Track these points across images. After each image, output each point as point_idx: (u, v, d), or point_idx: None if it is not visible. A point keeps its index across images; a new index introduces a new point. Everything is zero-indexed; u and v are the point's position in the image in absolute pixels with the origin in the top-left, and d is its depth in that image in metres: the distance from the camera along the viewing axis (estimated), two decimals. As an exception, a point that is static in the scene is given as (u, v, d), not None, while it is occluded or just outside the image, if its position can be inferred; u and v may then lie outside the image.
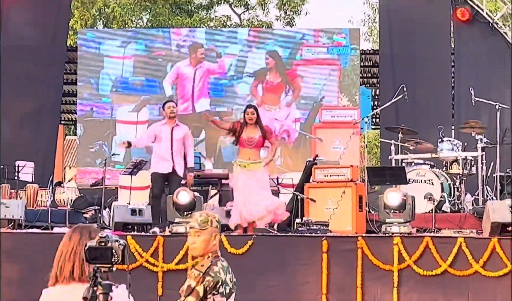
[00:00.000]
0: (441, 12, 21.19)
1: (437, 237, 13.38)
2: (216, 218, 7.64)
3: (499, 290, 12.73)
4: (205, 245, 7.49)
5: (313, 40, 23.29)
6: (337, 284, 13.04)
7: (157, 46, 23.39)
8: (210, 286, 7.34)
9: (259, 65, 22.95)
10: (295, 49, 23.09)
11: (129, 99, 22.28)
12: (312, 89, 22.86)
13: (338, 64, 22.81)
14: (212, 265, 7.42)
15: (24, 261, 13.53)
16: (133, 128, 21.86)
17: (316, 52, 22.99)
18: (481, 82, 19.62)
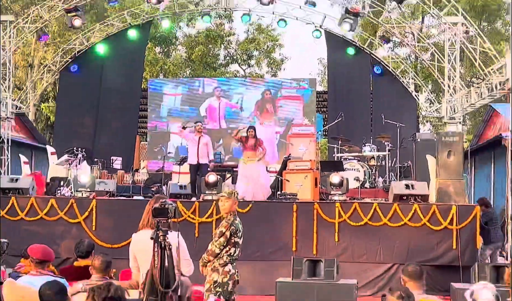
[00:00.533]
0: (364, 68, 22.49)
1: (361, 203, 13.91)
2: (237, 192, 8.46)
3: (398, 235, 13.25)
4: (230, 207, 8.05)
5: (288, 84, 24.32)
6: (302, 231, 13.40)
7: (195, 88, 24.35)
8: (233, 232, 7.97)
9: (256, 98, 23.87)
10: (277, 90, 24.06)
11: (178, 120, 22.68)
12: (287, 113, 23.70)
13: (302, 99, 23.68)
14: (234, 220, 8.02)
15: (115, 217, 13.63)
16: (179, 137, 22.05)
17: (290, 92, 23.93)
18: (388, 110, 20.74)
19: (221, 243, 7.95)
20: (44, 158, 23.06)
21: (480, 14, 32.92)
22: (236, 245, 8.02)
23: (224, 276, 7.95)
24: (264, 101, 23.61)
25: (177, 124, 22.84)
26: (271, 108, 23.58)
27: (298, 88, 23.94)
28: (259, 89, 24.29)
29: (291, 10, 22.13)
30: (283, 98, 23.75)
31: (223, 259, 7.98)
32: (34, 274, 6.61)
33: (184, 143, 22.09)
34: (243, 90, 24.28)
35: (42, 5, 20.84)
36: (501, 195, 21.16)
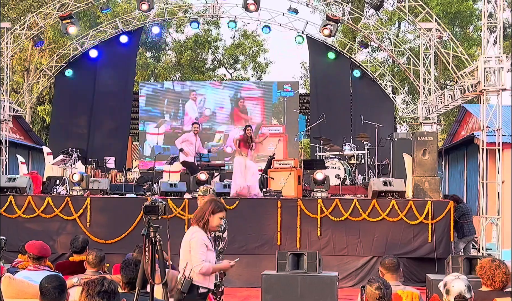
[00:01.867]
0: (344, 71, 22.55)
1: (342, 199, 13.92)
2: (213, 189, 8.46)
3: (376, 229, 13.42)
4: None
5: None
6: (286, 226, 13.51)
7: (184, 91, 24.57)
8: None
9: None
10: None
11: (154, 119, 23.40)
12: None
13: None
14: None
15: (108, 214, 13.80)
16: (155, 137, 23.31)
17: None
18: (367, 111, 20.85)
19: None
20: (40, 158, 23.01)
21: (453, 20, 33.08)
22: (218, 238, 7.98)
23: None
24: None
25: (153, 124, 23.47)
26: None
27: (282, 91, 24.09)
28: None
29: (275, 17, 22.21)
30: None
31: None
32: (31, 269, 6.64)
33: (160, 143, 23.07)
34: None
35: (38, 13, 20.79)
36: (473, 190, 21.36)
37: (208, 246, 6.41)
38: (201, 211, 6.51)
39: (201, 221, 6.43)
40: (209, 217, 6.43)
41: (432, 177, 14.32)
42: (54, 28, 28.10)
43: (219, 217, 6.53)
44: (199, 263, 6.26)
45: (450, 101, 16.77)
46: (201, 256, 6.30)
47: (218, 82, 29.72)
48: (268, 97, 24.02)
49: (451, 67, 17.20)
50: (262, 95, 24.06)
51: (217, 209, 6.49)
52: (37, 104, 33.53)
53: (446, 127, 34.63)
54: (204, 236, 6.43)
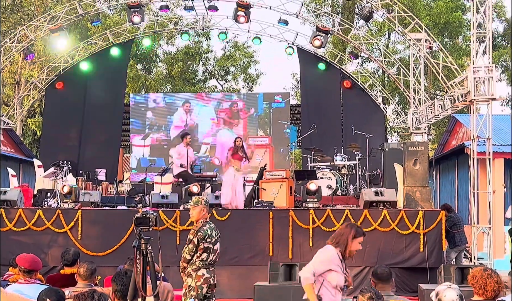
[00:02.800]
0: (335, 82, 22.53)
1: (333, 209, 13.90)
2: (204, 199, 8.30)
3: (368, 239, 11.91)
4: (197, 214, 8.11)
5: (263, 98, 24.59)
6: (278, 236, 13.48)
7: (175, 102, 24.69)
8: (200, 238, 7.98)
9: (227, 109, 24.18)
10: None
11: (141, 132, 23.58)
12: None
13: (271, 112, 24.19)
14: (202, 226, 8.06)
15: (100, 226, 13.72)
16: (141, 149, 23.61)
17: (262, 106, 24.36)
18: (358, 122, 20.92)
19: (190, 249, 7.98)
20: (31, 171, 22.89)
21: (442, 31, 33.25)
22: (208, 250, 8.00)
23: (197, 280, 7.96)
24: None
25: (139, 137, 23.57)
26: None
27: (273, 102, 24.17)
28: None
29: (265, 28, 22.25)
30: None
31: (196, 264, 8.00)
32: (22, 282, 6.57)
33: (146, 155, 23.05)
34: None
35: (28, 26, 20.75)
36: (464, 200, 21.43)
37: (337, 268, 6.33)
38: (341, 235, 6.43)
39: (340, 245, 6.37)
40: (350, 242, 6.36)
41: (423, 186, 14.39)
42: (45, 40, 28.07)
43: (359, 242, 6.47)
44: (308, 271, 6.23)
45: (440, 111, 16.80)
46: (315, 268, 6.25)
47: (204, 94, 29.77)
48: (254, 108, 24.10)
49: (441, 77, 17.24)
50: (248, 106, 24.16)
51: (358, 234, 6.42)
52: (28, 117, 33.44)
53: (437, 137, 34.76)
54: (337, 257, 6.36)
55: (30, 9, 28.51)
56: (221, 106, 24.23)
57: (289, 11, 20.46)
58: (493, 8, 14.94)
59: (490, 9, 14.45)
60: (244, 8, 19.08)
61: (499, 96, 15.09)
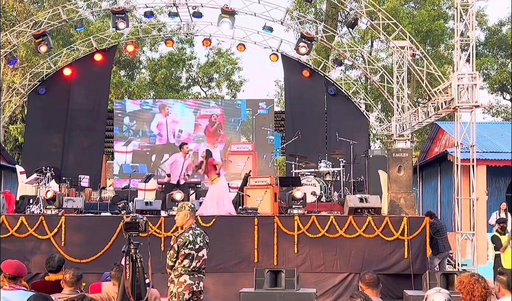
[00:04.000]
0: (319, 89, 22.63)
1: (318, 216, 13.99)
2: (188, 205, 8.21)
3: (354, 246, 13.46)
4: (181, 220, 8.08)
5: (246, 104, 24.66)
6: (263, 243, 13.50)
7: (154, 108, 24.65)
8: (180, 244, 7.89)
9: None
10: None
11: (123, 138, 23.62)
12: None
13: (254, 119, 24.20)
14: (184, 232, 7.96)
15: (83, 232, 13.69)
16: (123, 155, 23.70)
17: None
18: (342, 128, 21.06)
19: (172, 255, 7.95)
20: (13, 178, 22.66)
21: (424, 39, 33.42)
22: (189, 256, 7.93)
23: (179, 287, 7.91)
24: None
25: (121, 143, 23.55)
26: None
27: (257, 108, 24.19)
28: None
29: (250, 35, 22.25)
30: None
31: (178, 270, 7.95)
32: (7, 288, 6.47)
33: (129, 161, 22.97)
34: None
35: (11, 31, 20.61)
36: (447, 207, 21.55)
37: None
38: None
39: None
40: None
41: (408, 193, 14.47)
42: (27, 46, 27.90)
43: None
44: None
45: (424, 118, 16.88)
46: None
47: (187, 100, 29.74)
48: (237, 115, 24.08)
49: (425, 84, 17.32)
50: (230, 113, 24.16)
51: None
52: (10, 123, 33.17)
53: (419, 144, 34.92)
54: None
55: (12, 14, 28.25)
56: (199, 112, 24.22)
57: (273, 18, 20.47)
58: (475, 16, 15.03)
59: (473, 17, 14.54)
60: (228, 14, 19.07)
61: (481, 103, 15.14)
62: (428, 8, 33.21)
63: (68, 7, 20.72)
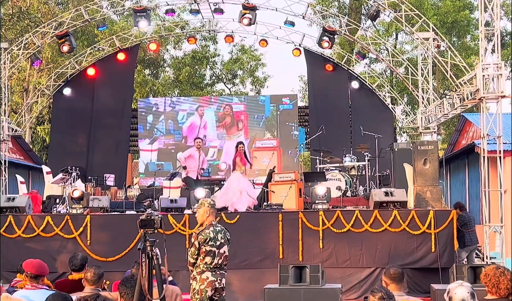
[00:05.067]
0: (342, 83, 22.53)
1: (343, 210, 13.87)
2: (207, 202, 8.23)
3: (379, 240, 13.33)
4: (201, 217, 8.11)
5: (270, 100, 24.62)
6: (288, 238, 13.41)
7: (181, 106, 24.68)
8: (201, 241, 7.93)
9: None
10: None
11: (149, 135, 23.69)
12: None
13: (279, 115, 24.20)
14: (205, 229, 7.99)
15: (109, 231, 13.75)
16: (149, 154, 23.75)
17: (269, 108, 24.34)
18: (366, 122, 20.81)
19: (193, 252, 7.97)
20: (41, 178, 22.71)
21: (450, 30, 33.07)
22: (210, 253, 7.93)
23: (201, 284, 7.91)
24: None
25: (146, 141, 23.57)
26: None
27: (281, 104, 24.16)
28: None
29: (272, 30, 22.19)
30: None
31: (200, 267, 7.96)
32: (29, 288, 6.52)
33: (154, 159, 22.83)
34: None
35: (34, 32, 20.79)
36: (475, 199, 21.28)
37: None
38: None
39: None
40: None
41: (434, 186, 14.28)
42: (52, 47, 28.14)
43: None
44: None
45: (450, 110, 16.69)
46: None
47: (212, 98, 29.69)
48: (262, 111, 24.03)
49: (449, 75, 17.13)
50: (254, 109, 24.10)
51: None
52: (37, 124, 33.54)
53: (446, 137, 34.58)
54: None
55: (37, 16, 28.52)
56: (229, 109, 24.17)
57: (295, 12, 20.43)
58: (500, 6, 14.77)
59: (498, 7, 14.32)
60: (249, 10, 19.03)
61: (509, 93, 14.88)
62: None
63: (91, 7, 20.86)
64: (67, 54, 22.00)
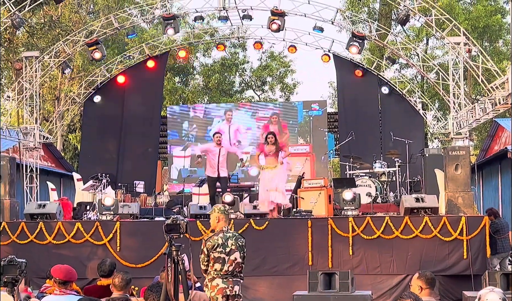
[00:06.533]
0: (372, 89, 22.40)
1: (373, 217, 13.82)
2: (218, 208, 8.14)
3: (410, 247, 13.22)
4: (212, 223, 8.09)
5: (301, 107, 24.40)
6: (317, 245, 13.38)
7: (215, 112, 24.64)
8: (209, 248, 7.83)
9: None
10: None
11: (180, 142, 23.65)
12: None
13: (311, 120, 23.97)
14: (214, 236, 7.90)
15: (138, 237, 13.79)
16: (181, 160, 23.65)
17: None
18: (397, 128, 20.78)
19: (203, 259, 7.92)
20: (72, 185, 22.88)
21: (481, 35, 32.72)
22: (219, 260, 7.84)
23: (212, 291, 7.83)
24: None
25: (179, 148, 23.43)
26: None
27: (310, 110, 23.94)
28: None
29: (300, 36, 22.20)
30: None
31: (211, 274, 7.89)
32: (57, 293, 6.56)
33: (187, 166, 22.75)
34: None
35: (65, 41, 21.05)
36: (508, 205, 21.01)
37: None
38: None
39: None
40: None
41: (466, 192, 14.12)
42: (83, 56, 28.45)
43: None
44: None
45: (481, 115, 16.47)
46: None
47: (243, 104, 29.67)
48: (294, 116, 23.91)
49: (481, 80, 16.92)
50: (287, 115, 23.94)
51: None
52: (68, 132, 33.92)
53: (479, 143, 34.24)
54: None
55: (68, 25, 28.89)
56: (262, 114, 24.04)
57: (324, 18, 20.36)
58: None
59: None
60: (278, 16, 19.03)
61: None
62: (484, 4, 32.51)
63: (121, 15, 21.04)
64: (98, 62, 22.15)
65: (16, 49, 27.18)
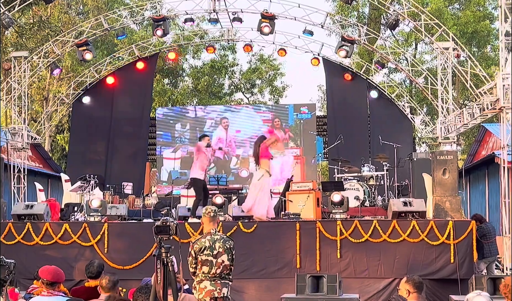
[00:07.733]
0: (361, 93, 22.50)
1: (361, 220, 13.79)
2: (206, 210, 8.26)
3: (397, 251, 13.24)
4: (202, 225, 8.61)
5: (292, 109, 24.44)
6: (305, 248, 13.37)
7: (207, 115, 24.66)
8: (196, 250, 7.89)
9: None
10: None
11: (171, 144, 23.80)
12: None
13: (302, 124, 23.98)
14: (201, 238, 7.96)
15: (126, 239, 13.70)
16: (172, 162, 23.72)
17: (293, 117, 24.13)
18: (385, 132, 20.80)
19: (191, 262, 7.94)
20: (60, 186, 22.83)
21: (470, 40, 32.88)
22: (207, 263, 7.87)
23: (200, 293, 7.85)
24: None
25: (169, 150, 23.47)
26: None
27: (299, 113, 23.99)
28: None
29: (290, 39, 22.22)
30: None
31: (199, 277, 7.90)
32: (45, 294, 6.54)
33: (177, 168, 22.68)
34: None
35: (54, 41, 20.97)
36: (495, 210, 21.11)
37: None
38: None
39: None
40: None
41: (453, 196, 14.14)
42: (72, 56, 28.35)
43: None
44: None
45: (469, 120, 16.55)
46: None
47: (235, 106, 29.62)
48: (286, 119, 23.92)
49: (469, 85, 17.01)
50: (280, 118, 23.97)
51: None
52: (57, 132, 33.78)
53: (466, 148, 34.38)
54: None
55: (57, 25, 28.79)
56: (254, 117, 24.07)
57: (314, 22, 20.43)
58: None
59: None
60: (268, 19, 19.06)
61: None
62: (473, 9, 32.69)
63: (111, 16, 21.00)
64: (87, 62, 22.10)
65: (5, 49, 27.03)
